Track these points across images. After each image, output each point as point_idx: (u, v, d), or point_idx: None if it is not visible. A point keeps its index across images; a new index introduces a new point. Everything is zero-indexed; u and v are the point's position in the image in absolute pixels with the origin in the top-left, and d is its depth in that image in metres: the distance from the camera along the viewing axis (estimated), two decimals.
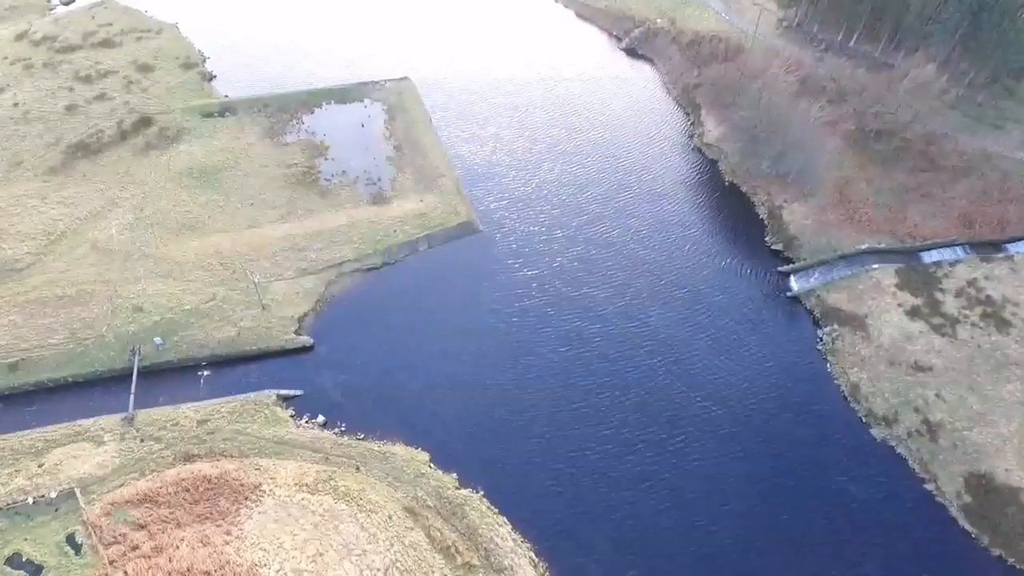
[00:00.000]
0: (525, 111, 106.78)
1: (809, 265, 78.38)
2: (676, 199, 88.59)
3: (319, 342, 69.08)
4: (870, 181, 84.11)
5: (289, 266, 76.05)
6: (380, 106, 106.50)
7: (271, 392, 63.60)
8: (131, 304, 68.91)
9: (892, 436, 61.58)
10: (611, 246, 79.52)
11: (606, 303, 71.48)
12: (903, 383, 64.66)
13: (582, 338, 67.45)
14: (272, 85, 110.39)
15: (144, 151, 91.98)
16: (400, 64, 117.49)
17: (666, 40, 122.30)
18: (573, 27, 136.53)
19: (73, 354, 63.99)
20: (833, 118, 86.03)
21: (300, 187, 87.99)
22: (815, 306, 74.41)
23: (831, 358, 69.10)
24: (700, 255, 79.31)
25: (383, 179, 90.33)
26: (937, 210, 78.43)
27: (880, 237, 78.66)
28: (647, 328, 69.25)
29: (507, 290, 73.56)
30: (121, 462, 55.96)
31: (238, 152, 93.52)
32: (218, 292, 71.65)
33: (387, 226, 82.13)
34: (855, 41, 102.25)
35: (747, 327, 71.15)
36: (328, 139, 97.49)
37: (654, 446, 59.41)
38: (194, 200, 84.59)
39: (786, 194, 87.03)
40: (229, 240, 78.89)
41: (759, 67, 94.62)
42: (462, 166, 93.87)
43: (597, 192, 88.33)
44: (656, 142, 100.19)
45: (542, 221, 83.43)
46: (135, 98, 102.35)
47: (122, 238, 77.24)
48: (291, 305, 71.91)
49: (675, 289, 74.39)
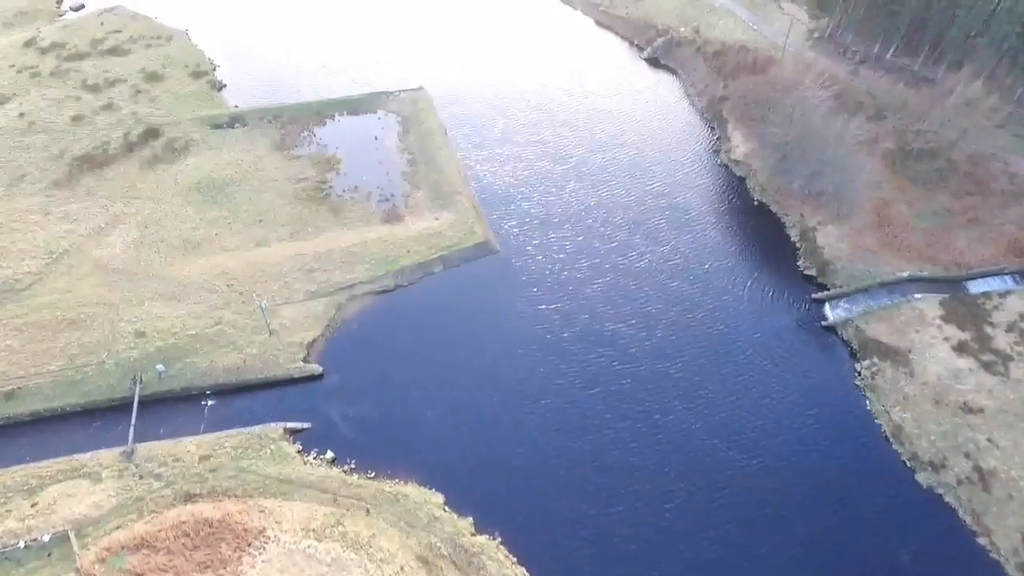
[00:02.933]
0: (545, 125, 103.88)
1: (845, 293, 74.95)
2: (705, 223, 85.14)
3: (328, 370, 66.59)
4: (911, 203, 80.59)
5: (298, 288, 73.73)
6: (394, 117, 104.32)
7: (277, 425, 61.16)
8: (133, 328, 66.83)
9: (940, 483, 57.97)
10: (640, 276, 76.10)
11: (634, 340, 68.04)
12: (951, 425, 61.11)
13: (609, 377, 64.20)
14: (283, 95, 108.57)
15: (151, 164, 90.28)
16: (415, 73, 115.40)
17: (690, 50, 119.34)
18: (593, 36, 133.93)
19: (71, 382, 61.94)
20: (871, 136, 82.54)
21: (311, 203, 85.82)
22: (852, 337, 70.99)
23: (871, 394, 65.63)
24: (732, 284, 75.85)
25: (396, 195, 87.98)
26: (984, 236, 74.75)
27: (922, 264, 75.11)
28: (678, 367, 65.70)
29: (527, 322, 70.32)
30: (119, 501, 53.63)
31: (247, 166, 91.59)
32: (224, 316, 69.43)
33: (400, 246, 79.67)
34: (892, 53, 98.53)
35: (782, 362, 67.76)
36: (340, 152, 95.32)
37: (689, 500, 55.70)
38: (201, 216, 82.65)
39: (819, 215, 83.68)
40: (236, 259, 76.76)
41: (791, 81, 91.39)
42: (479, 183, 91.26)
43: (624, 216, 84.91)
44: (683, 159, 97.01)
45: (565, 247, 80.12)
46: (143, 108, 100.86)
47: (126, 257, 75.34)
48: (300, 330, 69.53)
49: (707, 324, 70.68)
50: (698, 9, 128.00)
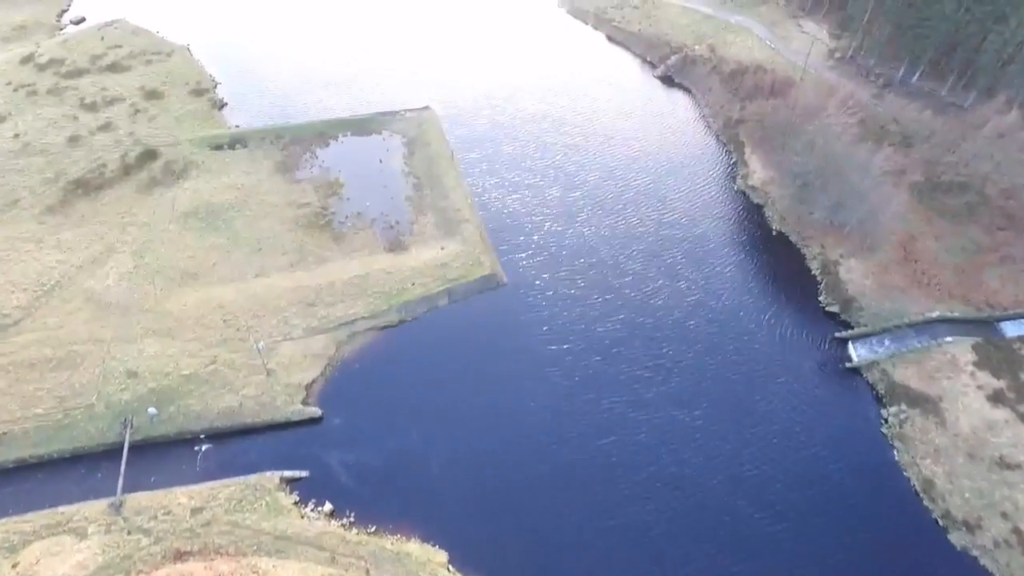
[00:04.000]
0: (557, 149, 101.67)
1: (871, 332, 72.17)
2: (723, 255, 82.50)
3: (328, 413, 64.17)
4: (939, 238, 77.84)
5: (298, 324, 71.47)
6: (399, 139, 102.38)
7: (274, 474, 58.64)
8: (125, 368, 64.67)
9: (974, 545, 54.96)
10: (656, 313, 73.31)
11: (650, 385, 65.21)
12: (987, 482, 58.16)
13: (624, 426, 61.41)
14: (286, 114, 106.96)
15: (148, 188, 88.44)
16: (421, 92, 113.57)
17: (705, 69, 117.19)
18: (605, 52, 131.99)
19: (59, 427, 59.72)
20: (898, 167, 79.85)
21: (312, 230, 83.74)
22: (878, 380, 68.14)
23: (899, 444, 62.70)
24: (751, 323, 73.06)
25: (401, 222, 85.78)
26: (1019, 275, 71.91)
27: (952, 304, 72.32)
28: (696, 416, 62.81)
29: (537, 364, 67.51)
30: (105, 560, 51.21)
31: (248, 190, 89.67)
32: (220, 354, 67.19)
33: (404, 277, 77.39)
34: (918, 78, 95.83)
35: (806, 408, 64.91)
36: (343, 175, 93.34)
37: (712, 568, 52.70)
38: (199, 244, 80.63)
39: (842, 248, 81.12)
40: (234, 292, 74.60)
41: (812, 106, 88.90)
42: (486, 210, 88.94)
43: (639, 248, 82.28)
44: (699, 186, 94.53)
45: (577, 281, 77.41)
46: (141, 128, 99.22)
47: (119, 289, 73.26)
48: (299, 370, 67.22)
49: (727, 368, 67.69)
50: (714, 26, 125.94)
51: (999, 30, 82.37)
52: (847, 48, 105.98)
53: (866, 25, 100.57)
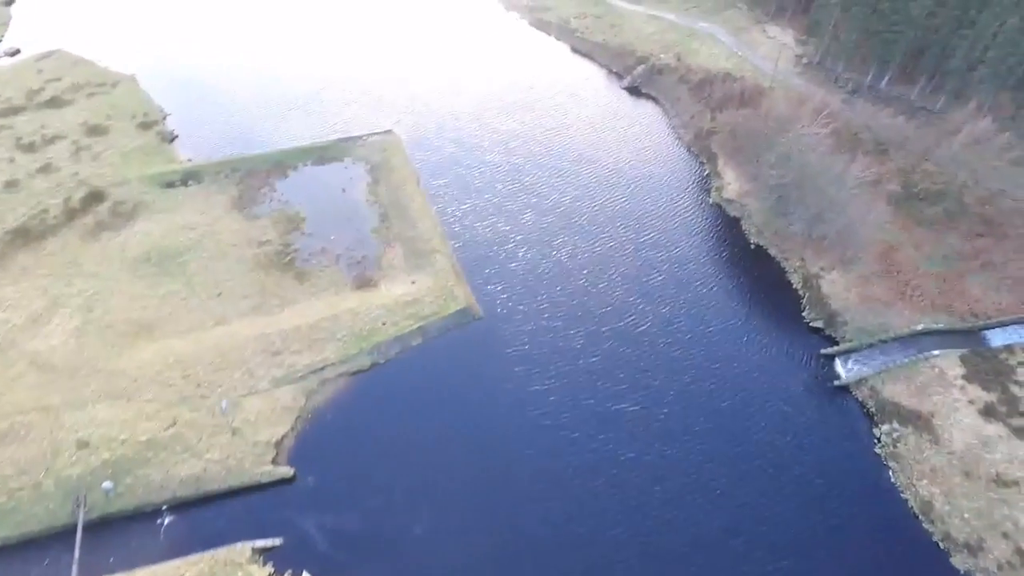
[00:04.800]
0: (527, 170, 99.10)
1: (857, 347, 71.39)
2: (705, 275, 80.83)
3: (301, 471, 60.54)
4: (918, 246, 77.57)
5: (263, 375, 67.73)
6: (363, 166, 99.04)
7: (245, 545, 54.79)
8: (76, 438, 60.19)
9: (978, 568, 53.90)
10: (640, 342, 71.10)
11: (639, 420, 62.97)
12: (985, 501, 57.37)
13: (615, 467, 58.96)
14: (241, 144, 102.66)
15: (94, 233, 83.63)
16: (383, 114, 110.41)
17: (673, 79, 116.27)
18: (570, 64, 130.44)
19: (3, 511, 55.10)
20: (874, 177, 79.40)
21: (274, 270, 79.98)
22: (868, 398, 67.26)
23: (893, 464, 61.68)
24: (738, 347, 71.49)
25: (368, 256, 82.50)
26: (1000, 283, 71.80)
27: (936, 315, 71.88)
28: (687, 451, 60.77)
29: (521, 405, 64.64)
30: None
31: (203, 229, 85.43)
32: (180, 415, 63.16)
33: (374, 316, 74.16)
34: (887, 82, 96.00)
35: (799, 432, 63.60)
36: (305, 208, 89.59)
37: None
38: (152, 292, 76.27)
39: (822, 260, 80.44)
40: (193, 343, 70.52)
41: (784, 116, 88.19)
42: (458, 238, 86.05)
43: (619, 272, 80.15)
44: (674, 202, 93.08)
45: (557, 312, 74.76)
46: (85, 168, 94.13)
47: (67, 349, 68.64)
48: (267, 426, 63.50)
49: (716, 397, 65.80)
50: (679, 34, 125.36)
51: (966, 34, 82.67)
52: (814, 54, 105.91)
53: (833, 30, 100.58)
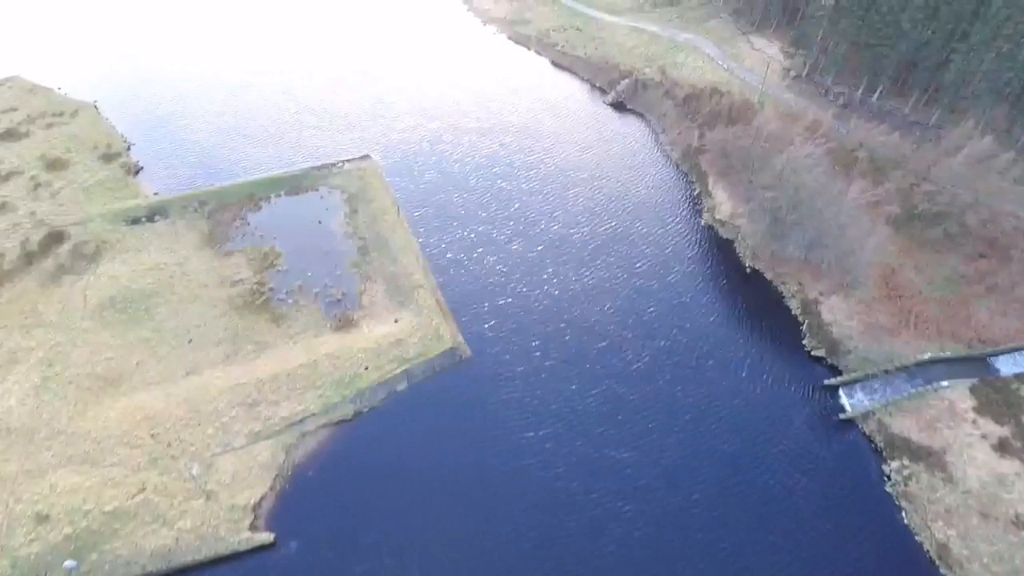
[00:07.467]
0: (513, 196, 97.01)
1: (861, 378, 70.13)
2: (701, 304, 79.24)
3: (282, 536, 57.63)
4: (920, 269, 76.61)
5: (238, 430, 64.74)
6: (339, 195, 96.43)
7: None
8: (34, 511, 56.82)
9: None
10: (638, 382, 69.09)
11: (641, 468, 60.85)
12: (1005, 544, 55.98)
13: (619, 522, 56.68)
14: (210, 175, 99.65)
15: (55, 278, 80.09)
16: (359, 138, 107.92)
17: (658, 94, 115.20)
18: (552, 80, 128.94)
19: None
20: (873, 199, 78.39)
21: (248, 312, 77.00)
22: (875, 432, 65.91)
23: (906, 505, 60.18)
24: (739, 382, 69.75)
25: (348, 293, 79.84)
26: (1007, 307, 70.92)
27: (943, 342, 70.82)
28: (693, 501, 58.74)
29: (515, 455, 62.30)
30: None
31: (171, 270, 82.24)
32: (149, 479, 59.98)
33: (357, 360, 71.50)
34: (879, 96, 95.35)
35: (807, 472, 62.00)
36: (279, 243, 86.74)
37: None
38: (119, 342, 72.94)
39: (821, 285, 79.28)
40: (163, 397, 67.36)
41: (776, 134, 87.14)
42: (443, 273, 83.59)
43: (613, 305, 78.23)
44: (666, 224, 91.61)
45: (550, 351, 72.52)
46: (44, 206, 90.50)
47: (24, 410, 65.12)
48: (243, 487, 60.50)
49: (720, 439, 63.97)
50: (662, 46, 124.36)
51: (959, 47, 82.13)
52: (802, 67, 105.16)
53: (821, 43, 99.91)
